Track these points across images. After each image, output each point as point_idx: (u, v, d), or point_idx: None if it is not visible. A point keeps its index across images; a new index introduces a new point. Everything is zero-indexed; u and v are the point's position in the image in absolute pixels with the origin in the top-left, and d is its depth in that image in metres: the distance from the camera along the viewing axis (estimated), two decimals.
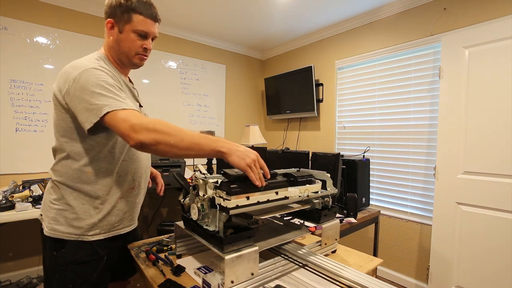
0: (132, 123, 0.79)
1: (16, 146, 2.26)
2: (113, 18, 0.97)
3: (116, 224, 1.03)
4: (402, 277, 2.41)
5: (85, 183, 0.95)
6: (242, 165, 0.79)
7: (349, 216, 1.76)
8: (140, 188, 1.10)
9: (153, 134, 0.78)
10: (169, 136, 0.79)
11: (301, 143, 3.39)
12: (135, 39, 0.99)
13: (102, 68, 0.90)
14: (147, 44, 1.02)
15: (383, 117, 2.57)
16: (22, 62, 2.28)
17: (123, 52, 1.01)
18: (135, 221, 1.15)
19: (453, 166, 1.99)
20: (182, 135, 0.79)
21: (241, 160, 0.79)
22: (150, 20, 1.00)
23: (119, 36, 0.99)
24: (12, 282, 2.20)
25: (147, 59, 1.09)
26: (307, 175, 1.06)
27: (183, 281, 0.89)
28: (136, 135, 0.78)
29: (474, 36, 1.90)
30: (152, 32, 1.02)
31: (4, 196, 1.81)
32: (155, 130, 0.79)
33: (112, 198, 1.00)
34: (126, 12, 0.96)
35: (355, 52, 2.77)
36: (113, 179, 0.99)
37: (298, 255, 0.96)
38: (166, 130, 0.79)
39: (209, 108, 3.45)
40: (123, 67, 1.07)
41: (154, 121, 0.81)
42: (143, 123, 0.79)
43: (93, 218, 0.97)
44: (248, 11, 2.64)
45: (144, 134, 0.78)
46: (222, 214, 0.78)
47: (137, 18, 0.97)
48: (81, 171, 0.95)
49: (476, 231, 1.88)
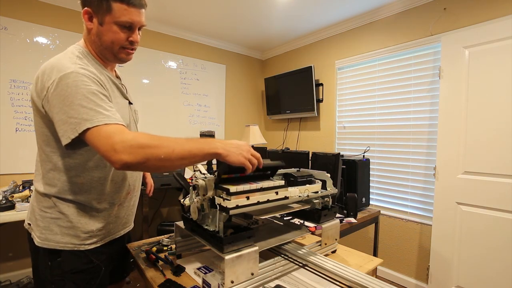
0: (114, 141, 0.70)
1: (16, 146, 2.25)
2: (89, 7, 0.84)
3: (112, 230, 1.00)
4: (402, 277, 2.41)
5: (77, 194, 0.88)
6: (242, 161, 0.76)
7: (349, 216, 1.76)
8: (135, 190, 1.07)
9: (140, 151, 0.69)
10: (158, 149, 0.70)
11: (301, 143, 3.38)
12: (118, 32, 0.85)
13: (83, 72, 0.79)
14: (133, 36, 0.88)
15: (383, 117, 2.56)
16: (22, 62, 2.28)
17: (106, 47, 0.88)
18: (131, 222, 1.13)
19: (453, 166, 1.99)
20: (172, 145, 0.71)
21: (239, 157, 0.75)
22: (133, 8, 0.84)
23: (99, 29, 0.85)
24: (12, 282, 2.20)
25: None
26: (307, 175, 1.06)
27: (183, 281, 0.89)
28: (119, 156, 0.69)
29: (474, 36, 1.90)
30: (137, 21, 0.87)
31: (4, 196, 1.81)
32: (141, 146, 0.70)
33: (109, 207, 0.95)
34: (105, 0, 0.82)
35: (355, 52, 2.77)
36: (108, 187, 0.92)
37: (298, 255, 0.96)
38: (154, 143, 0.71)
39: (209, 108, 3.45)
40: (107, 62, 0.94)
41: (138, 136, 0.72)
42: (126, 140, 0.70)
43: (89, 226, 0.90)
44: (248, 11, 2.63)
45: (127, 154, 0.69)
46: (222, 214, 0.78)
47: (118, 6, 0.82)
48: (71, 182, 0.87)
49: (476, 231, 1.88)
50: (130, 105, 1.03)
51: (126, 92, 1.02)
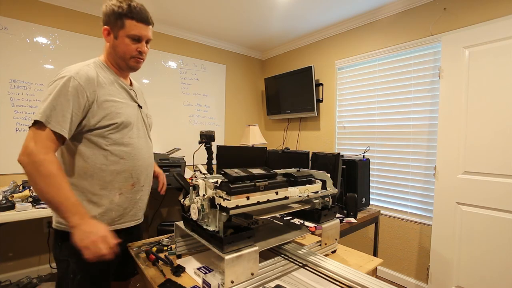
0: (28, 144, 0.87)
1: (16, 146, 2.23)
2: (108, 25, 1.03)
3: (116, 219, 1.07)
4: (402, 277, 2.41)
5: (83, 179, 1.00)
6: (83, 244, 0.84)
7: (349, 216, 1.76)
8: (141, 185, 1.13)
9: (27, 168, 0.86)
10: (34, 182, 0.86)
11: (301, 143, 3.39)
12: (129, 43, 1.04)
13: (78, 79, 0.94)
14: (141, 47, 1.07)
15: (383, 117, 2.56)
16: (22, 62, 2.28)
17: (120, 57, 1.06)
18: (139, 217, 1.17)
19: (453, 166, 1.99)
20: (45, 189, 0.85)
21: (84, 240, 0.84)
22: (142, 24, 1.04)
23: (114, 42, 1.04)
24: (12, 282, 2.20)
25: (145, 61, 1.13)
26: (307, 175, 1.06)
27: (183, 281, 0.89)
28: (21, 156, 0.86)
29: (474, 36, 1.90)
30: (145, 35, 1.06)
31: (4, 196, 1.80)
32: (29, 166, 0.85)
33: (109, 194, 1.03)
34: (119, 19, 1.01)
35: (355, 52, 2.77)
36: (110, 175, 1.02)
37: (298, 255, 0.96)
38: (35, 176, 0.85)
39: (209, 108, 3.45)
40: (121, 71, 1.12)
41: (38, 161, 0.85)
42: (31, 153, 0.85)
43: (92, 212, 1.00)
44: (248, 11, 2.64)
45: (23, 160, 0.86)
46: (222, 214, 0.78)
47: (130, 23, 1.02)
48: (79, 167, 1.00)
49: (476, 231, 1.88)
50: (140, 108, 1.17)
51: (136, 97, 1.16)
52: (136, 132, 1.10)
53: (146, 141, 1.16)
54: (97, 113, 0.98)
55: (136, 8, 1.02)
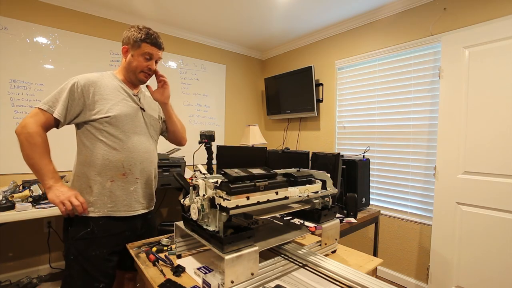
0: (26, 118, 1.10)
1: (16, 146, 2.23)
2: (127, 45, 1.25)
3: (109, 205, 1.18)
4: (402, 277, 2.41)
5: (85, 166, 1.18)
6: (56, 202, 1.06)
7: (349, 216, 1.76)
8: (135, 177, 1.23)
9: (20, 137, 1.09)
10: (23, 148, 1.09)
11: (301, 143, 3.39)
12: (142, 61, 1.25)
13: (79, 80, 1.16)
14: (151, 64, 1.27)
15: (383, 117, 2.56)
16: (22, 62, 2.28)
17: (132, 70, 1.26)
18: (135, 208, 1.25)
19: (453, 166, 1.99)
20: (30, 155, 1.08)
21: (56, 197, 1.07)
22: (155, 47, 1.26)
23: (130, 59, 1.25)
24: (12, 282, 2.20)
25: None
26: (307, 175, 1.07)
27: (183, 281, 0.89)
28: (18, 127, 1.10)
29: (474, 36, 1.90)
30: (155, 55, 1.27)
31: (4, 196, 1.80)
32: (22, 136, 1.09)
33: (102, 180, 1.17)
34: (138, 42, 1.23)
35: (355, 52, 2.77)
36: (102, 163, 1.17)
37: (298, 255, 0.96)
38: (25, 144, 1.08)
39: (209, 108, 3.45)
40: (131, 83, 1.31)
41: (29, 132, 1.08)
42: (26, 125, 1.09)
43: (88, 196, 1.17)
44: (248, 11, 2.64)
45: (18, 129, 1.10)
46: (222, 214, 0.78)
47: (145, 45, 1.24)
48: (83, 155, 1.18)
49: (476, 231, 1.88)
50: (143, 110, 1.31)
51: (139, 101, 1.32)
52: (132, 128, 1.23)
53: (146, 138, 1.29)
54: (94, 108, 1.16)
55: (152, 35, 1.25)
